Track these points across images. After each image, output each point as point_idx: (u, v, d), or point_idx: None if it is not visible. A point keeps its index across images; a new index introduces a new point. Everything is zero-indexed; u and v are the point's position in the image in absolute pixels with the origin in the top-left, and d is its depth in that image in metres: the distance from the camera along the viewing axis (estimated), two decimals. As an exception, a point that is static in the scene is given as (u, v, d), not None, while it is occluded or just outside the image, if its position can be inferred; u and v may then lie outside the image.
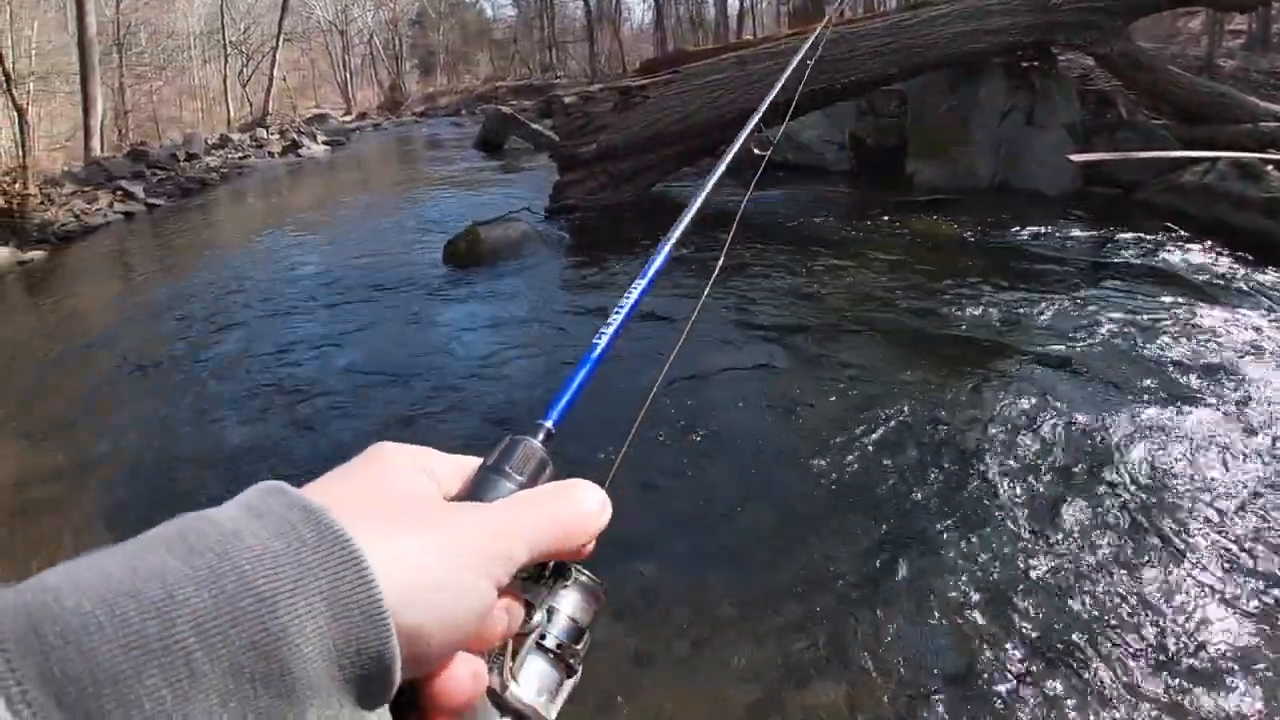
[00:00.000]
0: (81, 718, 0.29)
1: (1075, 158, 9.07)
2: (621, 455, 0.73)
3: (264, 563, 0.35)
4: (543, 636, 0.48)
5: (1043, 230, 7.73)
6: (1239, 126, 9.49)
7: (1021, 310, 5.72)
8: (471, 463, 0.50)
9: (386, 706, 0.39)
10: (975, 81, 9.99)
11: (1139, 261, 6.75)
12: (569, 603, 0.50)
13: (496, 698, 0.45)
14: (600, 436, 2.92)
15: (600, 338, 0.70)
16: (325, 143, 24.91)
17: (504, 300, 6.86)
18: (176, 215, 14.35)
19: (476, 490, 0.48)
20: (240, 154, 22.20)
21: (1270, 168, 7.68)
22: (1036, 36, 9.81)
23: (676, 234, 0.99)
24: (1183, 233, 7.39)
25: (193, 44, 39.33)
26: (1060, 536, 3.24)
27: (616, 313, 0.73)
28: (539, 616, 0.48)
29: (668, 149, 9.27)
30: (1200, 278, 6.31)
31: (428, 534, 0.42)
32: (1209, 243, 7.05)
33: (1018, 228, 7.78)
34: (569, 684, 0.49)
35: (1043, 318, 5.57)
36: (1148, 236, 7.38)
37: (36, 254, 11.54)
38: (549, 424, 0.57)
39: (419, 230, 9.83)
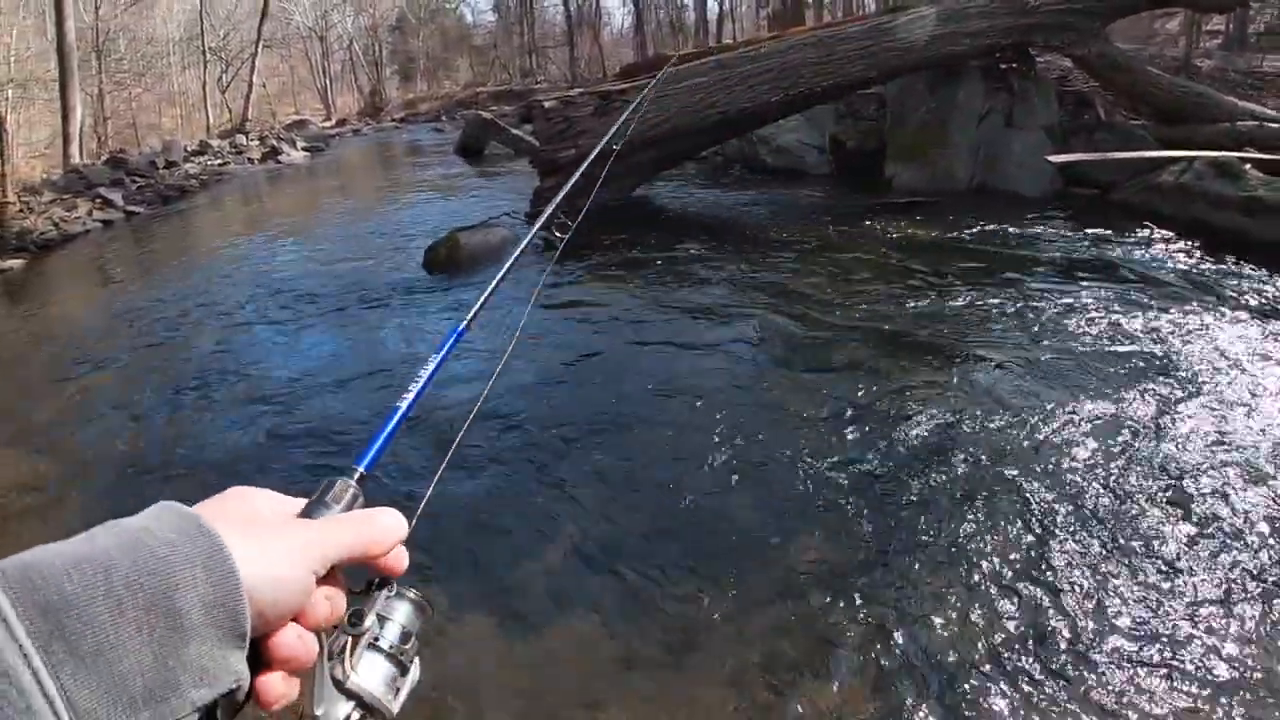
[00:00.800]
0: (57, 626, 0.46)
1: (1053, 159, 9.12)
2: (430, 489, 0.87)
3: (166, 545, 0.52)
4: (375, 638, 0.61)
5: (1021, 231, 7.77)
6: (1216, 126, 9.56)
7: (1000, 311, 5.74)
8: (299, 503, 0.66)
9: (244, 658, 0.54)
10: (954, 84, 10.04)
11: (1117, 262, 6.78)
12: (397, 611, 0.63)
13: (340, 686, 0.59)
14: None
15: (402, 402, 0.84)
16: (305, 149, 24.78)
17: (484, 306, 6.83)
18: (156, 223, 14.27)
19: (305, 515, 0.64)
20: (220, 161, 22.06)
21: (1248, 166, 7.74)
22: (1015, 38, 9.87)
23: (475, 309, 1.19)
24: (1161, 232, 7.43)
25: (172, 50, 39.10)
26: (1040, 533, 3.25)
27: (416, 380, 0.88)
28: (369, 622, 0.62)
29: (648, 153, 9.26)
30: (1179, 277, 6.35)
31: (266, 538, 0.58)
32: (1187, 242, 7.10)
33: (996, 229, 7.81)
34: (407, 680, 0.62)
35: (1021, 318, 5.59)
36: (1126, 237, 7.42)
37: (15, 262, 11.46)
38: (361, 467, 0.72)
39: (399, 236, 9.80)
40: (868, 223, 8.53)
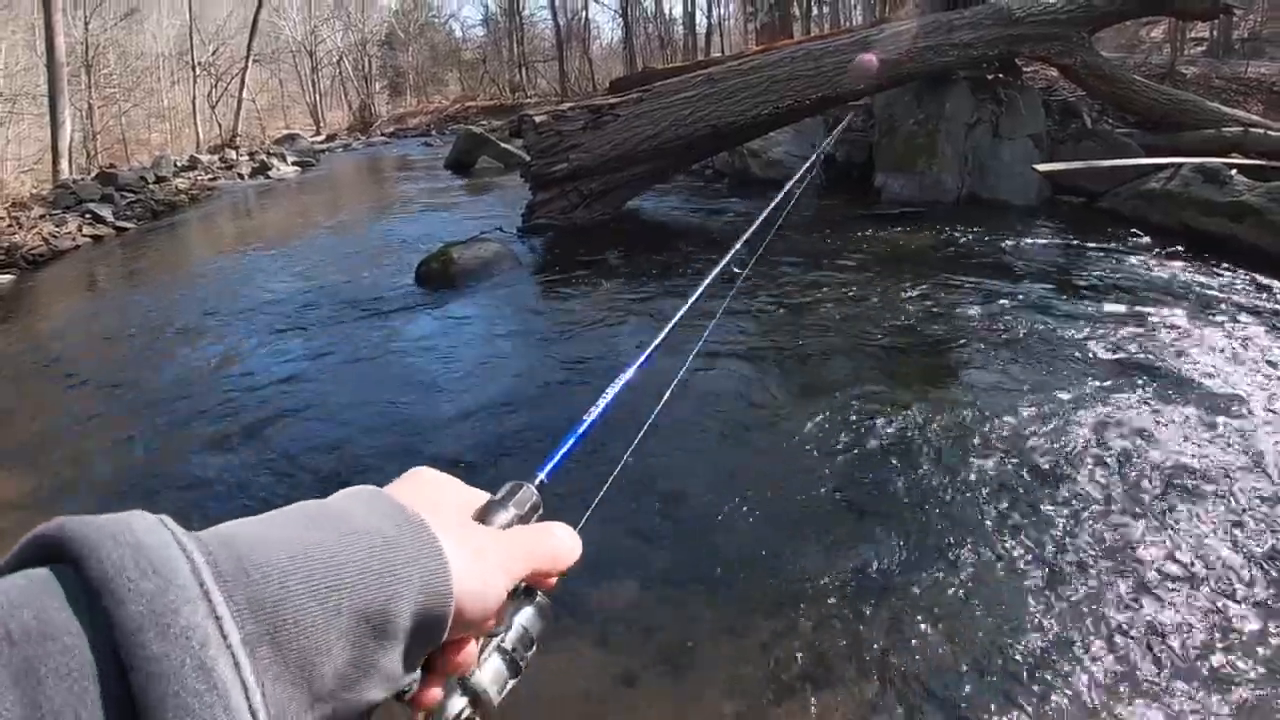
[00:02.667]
0: (270, 628, 0.43)
1: (1041, 168, 9.18)
2: (595, 504, 0.87)
3: (389, 546, 0.50)
4: (504, 641, 0.62)
5: (1010, 240, 7.82)
6: (1202, 132, 9.65)
7: (990, 319, 5.77)
8: (482, 495, 0.65)
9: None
10: (941, 95, 10.10)
11: (1106, 269, 6.83)
12: (528, 618, 0.64)
13: (464, 683, 0.60)
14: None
15: (588, 415, 0.87)
16: (295, 164, 24.74)
17: (477, 322, 6.84)
18: (146, 238, 14.23)
19: (487, 517, 0.63)
20: (210, 176, 21.99)
21: (1234, 172, 7.81)
22: (1001, 49, 9.95)
23: (662, 335, 1.18)
24: (1149, 239, 7.50)
25: (161, 65, 39.09)
26: (1038, 541, 3.26)
27: (604, 397, 0.91)
28: (503, 625, 0.62)
29: (639, 167, 9.30)
30: (1168, 282, 6.40)
31: (475, 546, 0.56)
32: (1176, 248, 7.16)
33: (985, 238, 7.85)
34: (513, 682, 0.62)
35: (1012, 326, 5.61)
36: (1115, 244, 7.48)
37: (5, 278, 11.38)
38: (542, 475, 0.74)
39: (391, 251, 9.80)
40: (858, 233, 8.57)
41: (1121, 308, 5.87)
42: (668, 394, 1.30)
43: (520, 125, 9.54)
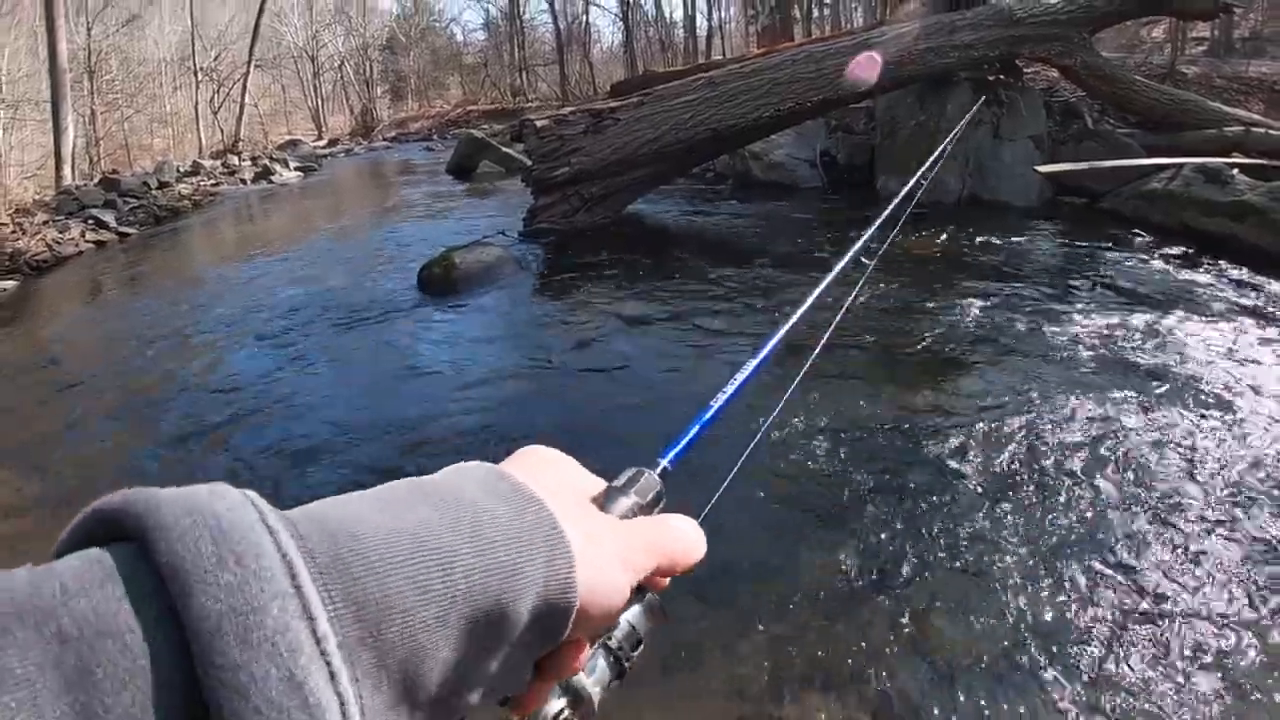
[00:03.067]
0: (373, 630, 0.37)
1: (1042, 169, 9.19)
2: (717, 496, 0.85)
3: (511, 538, 0.44)
4: (610, 640, 0.57)
5: (1012, 241, 7.82)
6: (1203, 132, 9.65)
7: (992, 319, 5.77)
8: (598, 481, 0.59)
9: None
10: (943, 96, 10.11)
11: (1108, 269, 6.83)
12: (636, 616, 0.58)
13: (566, 683, 0.54)
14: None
15: (715, 401, 0.80)
16: (298, 169, 24.79)
17: (480, 327, 6.85)
18: (149, 244, 14.25)
19: (606, 505, 0.56)
20: (213, 181, 22.05)
21: (1235, 172, 7.81)
22: (1002, 50, 9.95)
23: (794, 318, 1.11)
24: (1151, 239, 7.50)
25: (164, 71, 39.16)
26: (1040, 543, 3.26)
27: (732, 382, 0.84)
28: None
29: (640, 170, 9.31)
30: (1170, 282, 6.41)
31: (604, 536, 0.50)
32: (1177, 248, 7.17)
33: (987, 239, 7.86)
34: (615, 684, 0.57)
35: (1013, 326, 5.62)
36: (1117, 244, 7.49)
37: (8, 284, 11.42)
38: (665, 462, 0.67)
39: (393, 256, 9.81)
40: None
41: (1123, 308, 5.88)
42: (787, 394, 1.29)
43: (521, 130, 9.56)
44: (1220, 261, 6.75)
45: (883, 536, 3.42)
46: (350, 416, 5.29)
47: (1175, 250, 7.17)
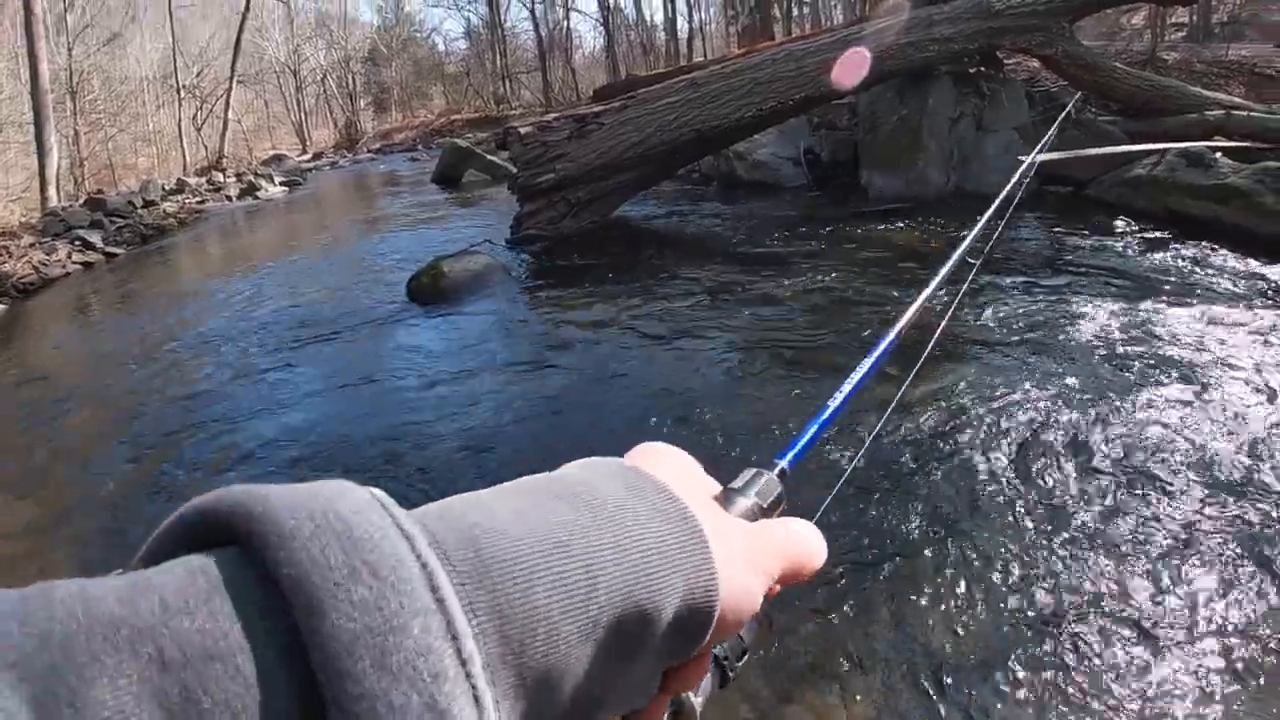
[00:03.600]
0: (516, 647, 0.33)
1: (1025, 158, 9.20)
2: (830, 498, 0.87)
3: (652, 543, 0.40)
4: (717, 648, 0.55)
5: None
6: (1185, 117, 9.68)
7: (981, 310, 5.78)
8: (715, 483, 0.55)
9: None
10: (924, 90, 10.12)
11: (1093, 255, 6.87)
12: (745, 627, 0.52)
13: None
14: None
15: (833, 400, 0.78)
16: (283, 183, 24.77)
17: (470, 335, 6.83)
18: (137, 264, 14.22)
19: (729, 507, 0.52)
20: (198, 199, 22.02)
21: (1218, 155, 7.85)
22: (982, 42, 9.97)
23: (904, 319, 1.09)
24: (1136, 225, 7.54)
25: (146, 89, 39.12)
26: (1034, 529, 3.27)
27: (849, 380, 0.81)
28: None
29: (625, 174, 9.32)
30: (1156, 266, 6.44)
31: (736, 539, 0.47)
32: (1163, 232, 7.22)
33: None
34: (717, 692, 0.55)
35: (1002, 316, 5.63)
36: (1103, 231, 7.52)
37: (-3, 307, 11.45)
38: (784, 464, 0.63)
39: (381, 268, 9.81)
40: (846, 232, 8.60)
41: (1110, 294, 5.90)
42: (894, 402, 1.30)
43: (506, 137, 9.49)
44: (1206, 244, 6.79)
45: (885, 530, 3.43)
46: (344, 429, 5.29)
47: (1161, 235, 7.21)
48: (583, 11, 50.49)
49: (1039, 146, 4.71)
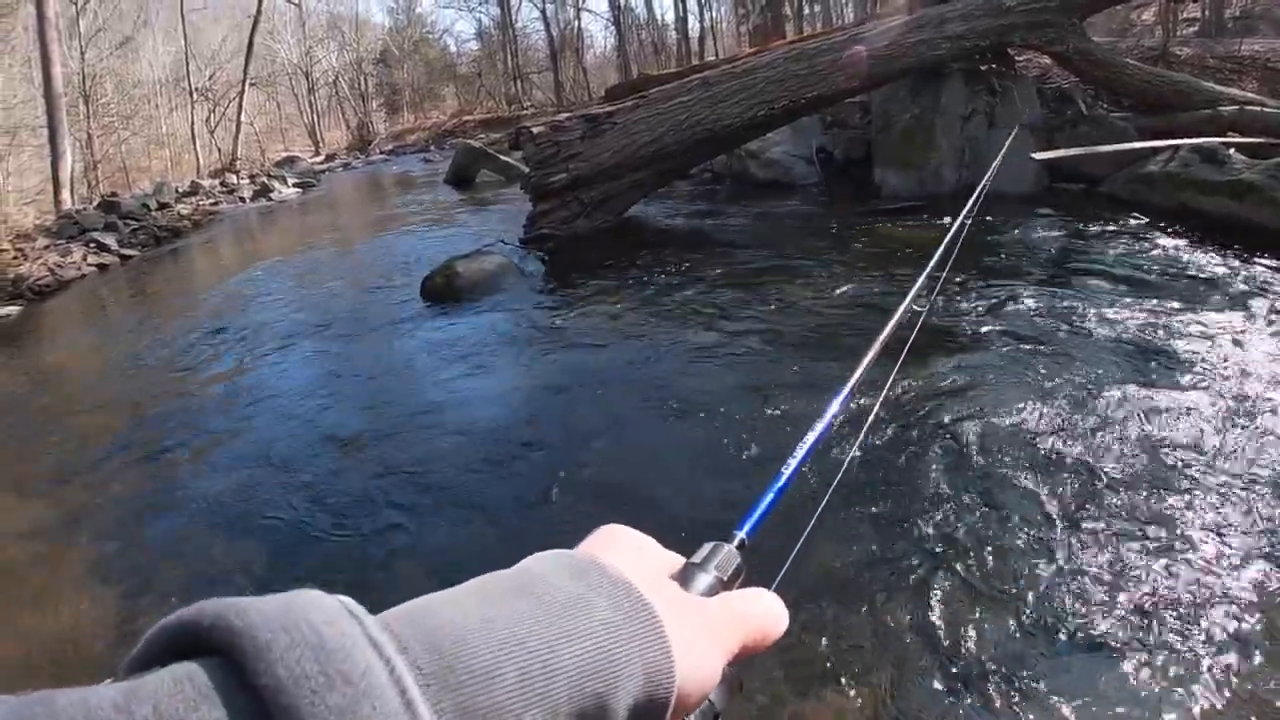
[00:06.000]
0: None
1: (1038, 156, 9.18)
2: (786, 566, 0.84)
3: (610, 632, 0.42)
4: (688, 718, 0.53)
5: (1010, 230, 7.83)
6: (1198, 113, 9.64)
7: (997, 308, 5.78)
8: (676, 558, 0.57)
9: None
10: (936, 88, 10.12)
11: (1108, 253, 6.85)
12: (716, 693, 0.54)
13: None
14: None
15: (786, 467, 0.76)
16: (296, 185, 24.81)
17: (484, 335, 6.86)
18: (151, 265, 14.30)
19: (689, 583, 0.54)
20: (211, 200, 22.09)
21: (1231, 151, 7.82)
22: (993, 39, 9.95)
23: (856, 376, 1.04)
24: (1151, 221, 7.52)
25: (159, 92, 39.26)
26: (1049, 530, 3.27)
27: (801, 444, 0.80)
28: None
29: (638, 173, 9.34)
30: (1170, 263, 6.42)
31: (692, 618, 0.49)
32: (1177, 229, 7.19)
33: (986, 229, 7.86)
34: None
35: (1017, 314, 5.62)
36: (1116, 228, 7.50)
37: (12, 309, 11.50)
38: (742, 534, 0.64)
39: (395, 268, 9.84)
40: (860, 231, 8.61)
41: (1123, 291, 5.89)
42: (846, 460, 1.28)
43: (518, 137, 9.51)
44: (1220, 240, 6.76)
45: (895, 528, 3.44)
46: (360, 431, 5.31)
47: (1175, 231, 7.19)
48: (593, 11, 50.56)
49: (993, 167, 4.66)
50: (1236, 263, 6.28)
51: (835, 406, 0.90)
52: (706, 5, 40.07)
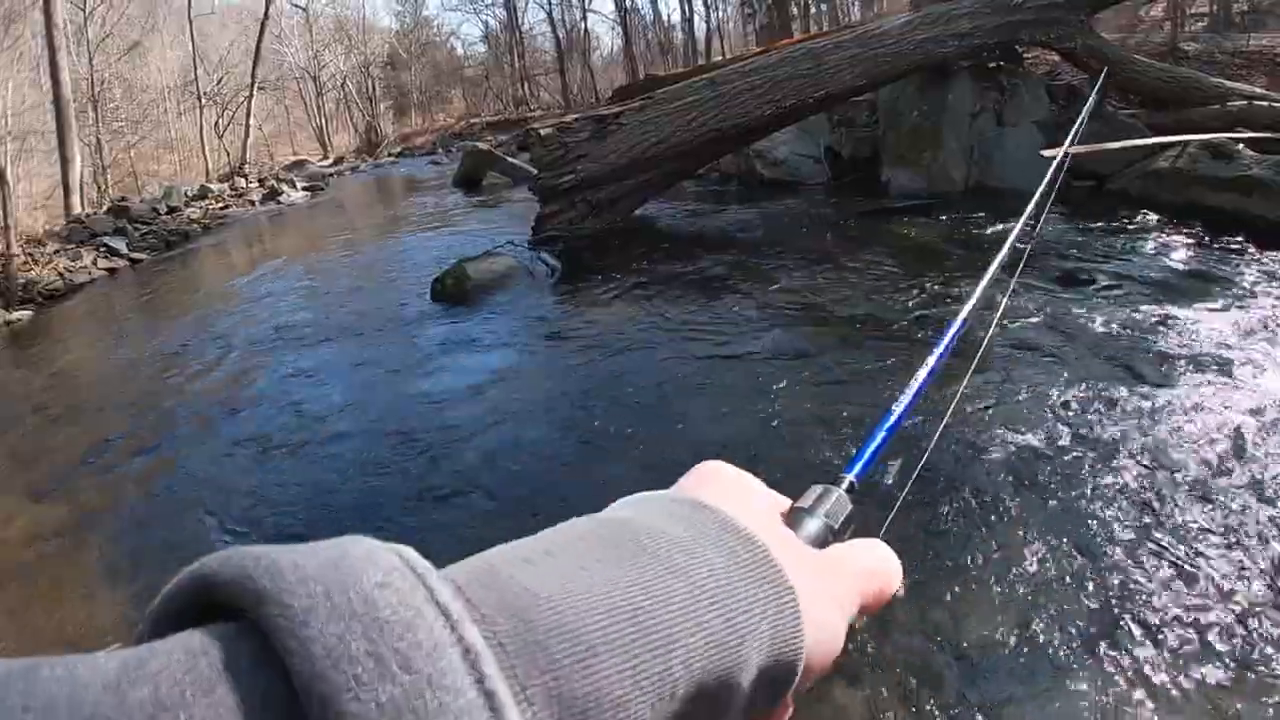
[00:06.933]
0: None
1: (1047, 153, 9.16)
2: (893, 513, 0.78)
3: (732, 595, 0.35)
4: None
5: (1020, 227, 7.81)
6: (1207, 108, 9.62)
7: (1008, 305, 5.76)
8: (782, 500, 0.50)
9: None
10: (944, 86, 10.11)
11: (1118, 250, 6.84)
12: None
13: None
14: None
15: (897, 405, 0.69)
16: (305, 188, 24.87)
17: (495, 338, 6.87)
18: (161, 269, 14.35)
19: (796, 530, 0.47)
20: (221, 204, 22.17)
21: (1241, 146, 7.80)
22: (1001, 37, 9.94)
23: (963, 313, 0.98)
24: (1161, 218, 7.50)
25: (167, 97, 39.38)
26: (1057, 530, 3.27)
27: (914, 380, 0.74)
28: None
29: (646, 174, 9.34)
30: (1181, 259, 6.42)
31: (814, 574, 0.41)
32: (1188, 225, 7.17)
33: (995, 227, 7.86)
34: None
35: (1027, 311, 5.61)
36: (1126, 224, 7.49)
37: (23, 314, 11.57)
38: (851, 477, 0.57)
39: (404, 270, 9.87)
40: (868, 229, 8.60)
41: (1135, 288, 5.88)
42: (955, 398, 1.24)
43: (526, 139, 9.56)
44: (1229, 236, 6.74)
45: (908, 528, 3.44)
46: (377, 434, 5.31)
47: (1185, 228, 7.16)
48: (600, 12, 50.51)
49: (1070, 137, 4.65)
50: (1245, 259, 6.25)
51: (944, 344, 0.83)
52: (713, 5, 40.06)
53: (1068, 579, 3.00)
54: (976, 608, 2.91)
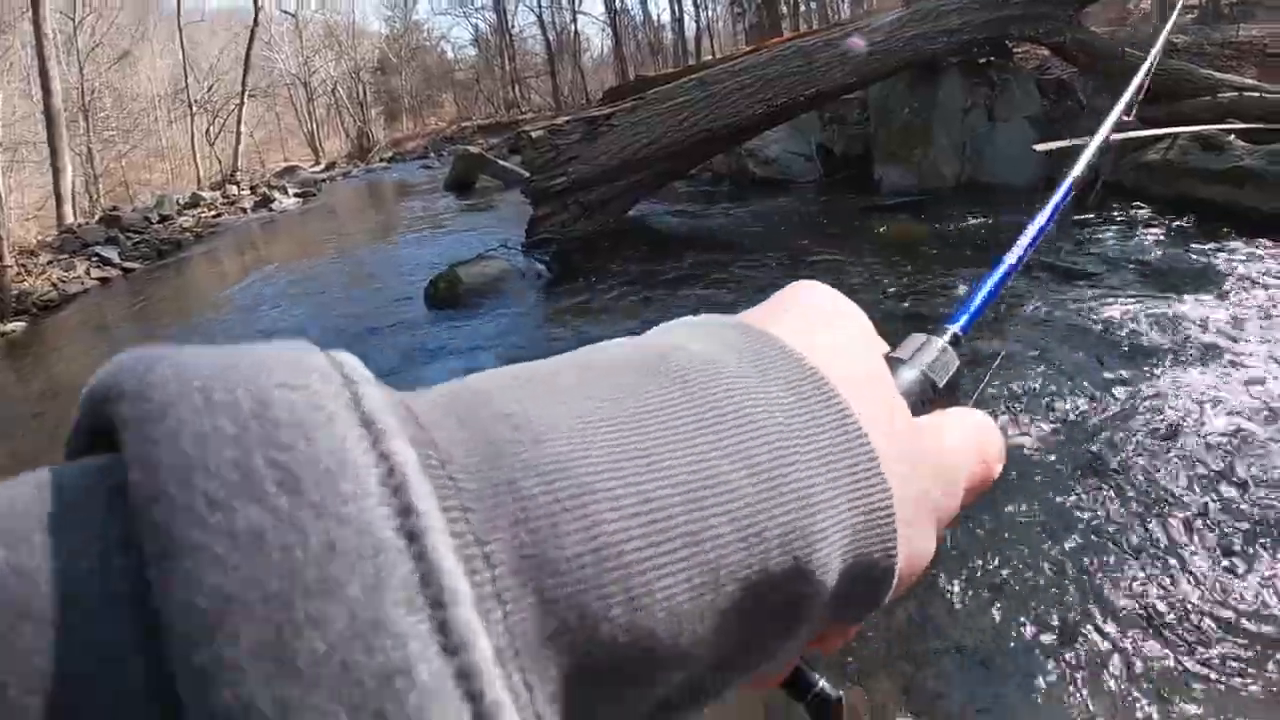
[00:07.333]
0: (572, 617, 0.19)
1: (1039, 147, 9.16)
2: (986, 381, 0.65)
3: (794, 441, 0.26)
4: None
5: (1012, 222, 7.79)
6: (1198, 100, 9.62)
7: (996, 303, 5.76)
8: (881, 344, 0.37)
9: None
10: (934, 82, 10.11)
11: (1110, 243, 6.84)
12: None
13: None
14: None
15: (1010, 254, 0.60)
16: (297, 195, 24.85)
17: (488, 339, 6.86)
18: (154, 278, 14.32)
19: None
20: (213, 212, 22.16)
21: (1231, 138, 7.80)
22: (990, 32, 9.93)
23: (1082, 159, 0.77)
24: (1152, 210, 7.51)
25: (158, 105, 39.42)
26: (1060, 528, 3.27)
27: (1032, 224, 0.63)
28: None
29: (638, 174, 9.33)
30: (1172, 253, 6.40)
31: (914, 458, 0.30)
32: (1178, 218, 7.18)
33: (987, 222, 7.87)
34: None
35: (1019, 305, 5.61)
36: (1118, 217, 7.49)
37: (17, 325, 11.53)
38: (956, 328, 0.44)
39: (397, 275, 9.84)
40: (860, 226, 8.60)
41: (1126, 281, 5.88)
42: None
43: (517, 142, 9.56)
44: (1222, 228, 6.74)
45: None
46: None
47: (1176, 220, 7.17)
48: (589, 14, 50.51)
49: (1109, 120, 4.61)
50: (1237, 250, 6.25)
51: (1059, 194, 0.69)
52: (702, 5, 40.14)
53: (1058, 577, 2.99)
54: (972, 607, 2.90)
